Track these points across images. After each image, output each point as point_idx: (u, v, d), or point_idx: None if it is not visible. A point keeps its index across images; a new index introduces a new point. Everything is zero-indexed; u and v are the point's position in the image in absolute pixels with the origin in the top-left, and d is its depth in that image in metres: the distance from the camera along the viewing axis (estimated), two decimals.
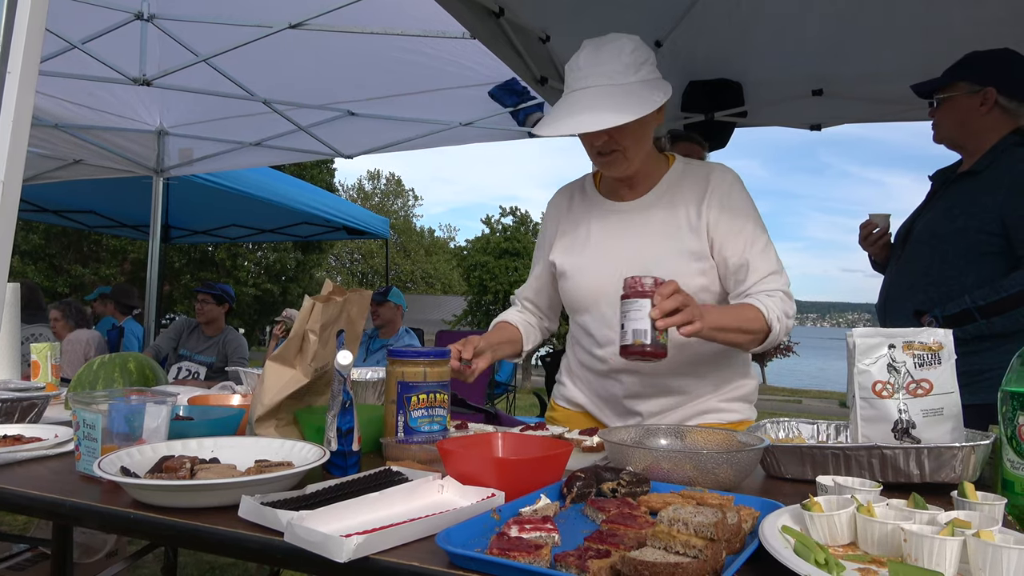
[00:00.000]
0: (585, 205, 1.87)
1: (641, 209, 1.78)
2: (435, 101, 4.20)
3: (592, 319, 1.79)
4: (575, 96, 1.62)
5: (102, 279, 20.67)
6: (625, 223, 1.78)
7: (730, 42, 3.15)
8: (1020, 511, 1.03)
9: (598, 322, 1.78)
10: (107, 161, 5.14)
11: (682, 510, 0.93)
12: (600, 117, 1.56)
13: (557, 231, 1.89)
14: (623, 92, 1.59)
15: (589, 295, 1.78)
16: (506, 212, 29.82)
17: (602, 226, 1.81)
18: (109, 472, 1.10)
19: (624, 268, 1.70)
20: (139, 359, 2.07)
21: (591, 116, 1.57)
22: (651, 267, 1.68)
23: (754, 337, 1.62)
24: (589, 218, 1.84)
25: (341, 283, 12.58)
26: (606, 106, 1.57)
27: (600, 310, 1.76)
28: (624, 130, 1.61)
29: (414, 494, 1.09)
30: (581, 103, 1.59)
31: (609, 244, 1.78)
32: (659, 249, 1.72)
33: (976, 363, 1.91)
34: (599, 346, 1.78)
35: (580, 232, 1.84)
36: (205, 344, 4.96)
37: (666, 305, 1.41)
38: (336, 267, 46.28)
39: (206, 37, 3.55)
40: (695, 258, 1.70)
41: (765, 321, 1.61)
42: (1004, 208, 2.07)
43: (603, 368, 1.79)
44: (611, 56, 1.61)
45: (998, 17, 2.59)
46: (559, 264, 1.85)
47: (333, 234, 8.47)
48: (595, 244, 1.80)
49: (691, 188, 1.75)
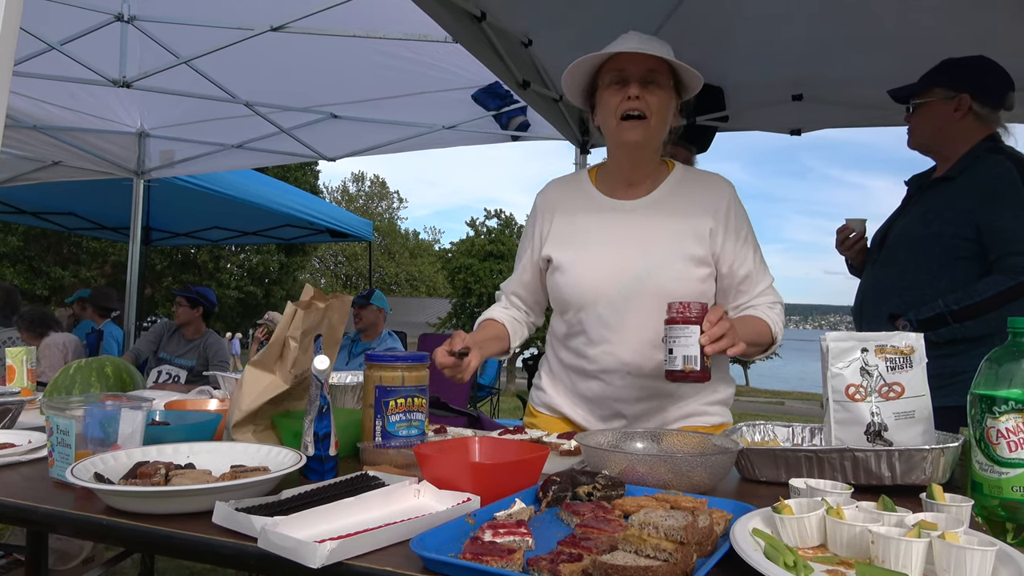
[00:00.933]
0: (582, 201, 1.84)
1: (645, 209, 1.77)
2: (418, 104, 4.20)
3: (588, 317, 1.75)
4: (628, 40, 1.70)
5: (82, 282, 20.44)
6: (629, 222, 1.76)
7: (711, 47, 3.17)
8: (989, 512, 1.04)
9: (594, 321, 1.74)
10: (87, 163, 5.08)
11: (653, 514, 0.93)
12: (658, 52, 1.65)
13: (551, 224, 1.85)
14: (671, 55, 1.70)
15: (587, 293, 1.75)
16: (490, 215, 29.76)
17: (602, 223, 1.78)
18: (82, 478, 1.09)
19: (628, 269, 1.71)
20: (116, 363, 2.05)
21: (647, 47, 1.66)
22: (654, 270, 1.69)
23: (761, 348, 1.73)
24: (588, 214, 1.81)
25: (325, 286, 12.55)
26: (663, 52, 1.67)
27: (598, 309, 1.73)
28: (658, 97, 1.68)
29: (390, 499, 1.09)
30: (637, 44, 1.68)
31: (611, 242, 1.75)
32: (666, 252, 1.71)
33: (949, 366, 1.94)
34: (592, 345, 1.75)
35: (578, 227, 1.81)
36: (185, 347, 4.92)
37: (715, 331, 1.46)
38: (320, 269, 46.07)
39: (187, 39, 3.53)
40: (697, 264, 1.72)
41: (772, 334, 1.72)
42: (978, 213, 2.10)
43: (591, 368, 1.77)
44: (660, 43, 1.71)
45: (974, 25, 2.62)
46: (555, 258, 1.80)
47: (316, 237, 8.42)
48: (596, 241, 1.77)
49: (699, 196, 1.77)
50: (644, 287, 1.69)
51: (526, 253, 1.92)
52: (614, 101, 1.70)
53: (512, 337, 1.91)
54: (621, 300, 1.71)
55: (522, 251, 1.95)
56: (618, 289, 1.71)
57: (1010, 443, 1.02)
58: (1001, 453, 1.03)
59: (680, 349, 1.47)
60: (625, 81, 1.68)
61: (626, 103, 1.67)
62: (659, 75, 1.69)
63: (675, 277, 1.69)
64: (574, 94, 1.83)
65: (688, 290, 1.68)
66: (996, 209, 2.07)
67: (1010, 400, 1.02)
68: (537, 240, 1.88)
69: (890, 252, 2.31)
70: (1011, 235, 2.04)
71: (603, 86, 1.73)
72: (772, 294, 1.78)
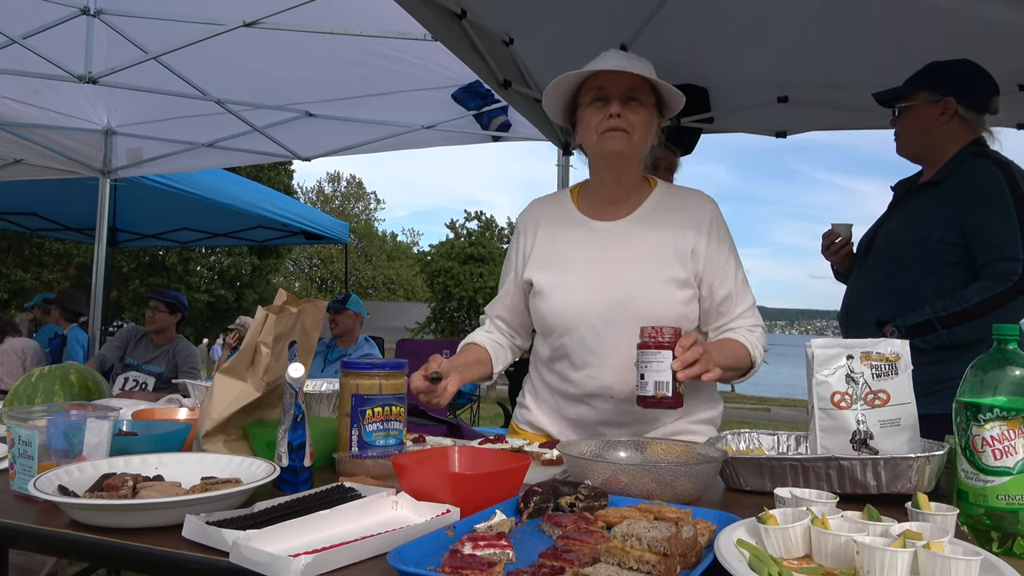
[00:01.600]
0: (564, 221, 1.82)
1: (625, 230, 1.76)
2: (396, 103, 4.15)
3: (571, 341, 1.74)
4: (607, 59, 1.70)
5: (44, 284, 20.00)
6: (609, 244, 1.75)
7: (696, 47, 3.18)
8: (974, 521, 1.04)
9: (576, 345, 1.73)
10: (50, 161, 4.95)
11: (636, 525, 0.92)
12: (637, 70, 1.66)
13: (533, 246, 1.83)
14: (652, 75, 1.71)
15: (568, 317, 1.73)
16: (471, 216, 29.76)
17: (583, 245, 1.77)
18: (46, 491, 1.07)
19: (609, 292, 1.70)
20: (81, 370, 1.99)
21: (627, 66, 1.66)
22: (637, 294, 1.68)
23: (739, 373, 1.71)
24: (569, 236, 1.79)
25: (299, 289, 12.46)
26: (642, 69, 1.68)
27: (579, 333, 1.72)
28: (639, 114, 1.68)
29: (367, 511, 1.06)
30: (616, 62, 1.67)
31: (593, 265, 1.74)
32: (646, 275, 1.70)
33: (937, 373, 1.94)
34: (575, 369, 1.74)
35: (558, 249, 1.79)
36: (154, 353, 4.79)
37: (687, 357, 1.45)
38: (294, 272, 45.68)
39: (156, 34, 3.44)
40: (680, 286, 1.70)
41: (750, 358, 1.71)
42: (964, 218, 2.11)
43: (576, 392, 1.75)
44: (641, 62, 1.71)
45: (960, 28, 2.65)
46: (536, 281, 1.79)
47: (290, 239, 8.32)
48: (576, 263, 1.75)
49: (680, 216, 1.75)
50: (626, 311, 1.67)
51: (509, 275, 1.90)
52: (595, 119, 1.69)
53: (494, 361, 1.88)
54: (603, 324, 1.69)
55: (506, 273, 1.92)
56: (599, 314, 1.69)
57: (995, 451, 1.02)
58: (986, 461, 1.02)
59: (652, 375, 1.45)
60: (606, 99, 1.67)
61: (607, 121, 1.67)
62: (640, 93, 1.68)
63: (657, 300, 1.68)
64: (555, 112, 1.82)
65: (670, 313, 1.68)
66: (983, 214, 2.08)
67: (995, 408, 1.02)
68: (520, 262, 1.86)
69: (876, 257, 2.32)
70: (998, 240, 2.05)
71: (584, 104, 1.72)
72: (752, 316, 1.76)
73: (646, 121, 1.69)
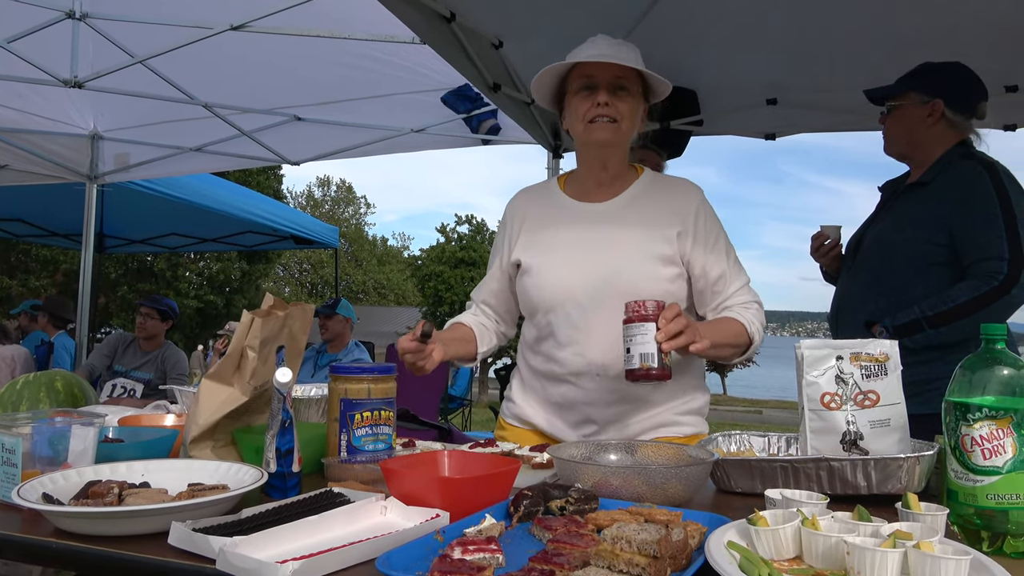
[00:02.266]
0: (552, 206, 1.85)
1: (613, 212, 1.78)
2: (386, 106, 4.14)
3: (556, 319, 1.75)
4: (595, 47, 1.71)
5: (31, 291, 19.82)
6: (596, 224, 1.77)
7: (685, 50, 3.18)
8: (964, 520, 1.04)
9: (562, 321, 1.74)
10: (36, 167, 4.91)
11: (626, 527, 0.92)
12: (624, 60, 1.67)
13: (520, 230, 1.86)
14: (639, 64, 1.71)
15: (555, 294, 1.75)
16: (462, 220, 29.67)
17: (571, 225, 1.79)
18: (30, 499, 1.05)
19: (595, 268, 1.71)
20: (67, 377, 1.96)
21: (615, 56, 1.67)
22: (622, 270, 1.69)
23: (737, 350, 1.71)
24: (557, 218, 1.82)
25: (289, 294, 12.37)
26: (629, 59, 1.68)
27: (566, 310, 1.73)
28: (627, 102, 1.69)
29: (355, 516, 1.06)
30: (602, 51, 1.69)
31: (579, 243, 1.76)
32: (632, 253, 1.72)
33: (925, 373, 1.95)
34: (561, 347, 1.75)
35: (546, 231, 1.82)
36: (142, 360, 4.75)
37: (671, 328, 1.45)
38: (284, 278, 45.43)
39: (143, 37, 3.42)
40: (666, 263, 1.72)
41: (747, 334, 1.70)
42: (951, 219, 2.13)
43: (561, 372, 1.76)
44: (629, 49, 1.73)
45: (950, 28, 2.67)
46: (524, 261, 1.81)
47: (280, 244, 8.28)
48: (564, 243, 1.78)
49: (668, 201, 1.78)
50: (611, 287, 1.68)
51: (496, 261, 1.92)
52: (583, 108, 1.71)
53: (479, 342, 1.88)
54: (588, 301, 1.71)
55: (492, 259, 1.95)
56: (585, 289, 1.71)
57: (984, 451, 1.02)
58: (976, 461, 1.03)
59: (637, 347, 1.46)
60: (594, 87, 1.69)
61: (595, 109, 1.69)
62: (628, 81, 1.70)
63: (643, 276, 1.69)
64: (543, 98, 1.84)
65: (656, 289, 1.68)
66: (969, 215, 2.10)
67: (984, 407, 1.02)
68: (506, 248, 1.88)
69: (865, 258, 2.33)
70: (984, 241, 2.07)
71: (572, 91, 1.74)
72: (748, 293, 1.77)
73: (633, 109, 1.71)
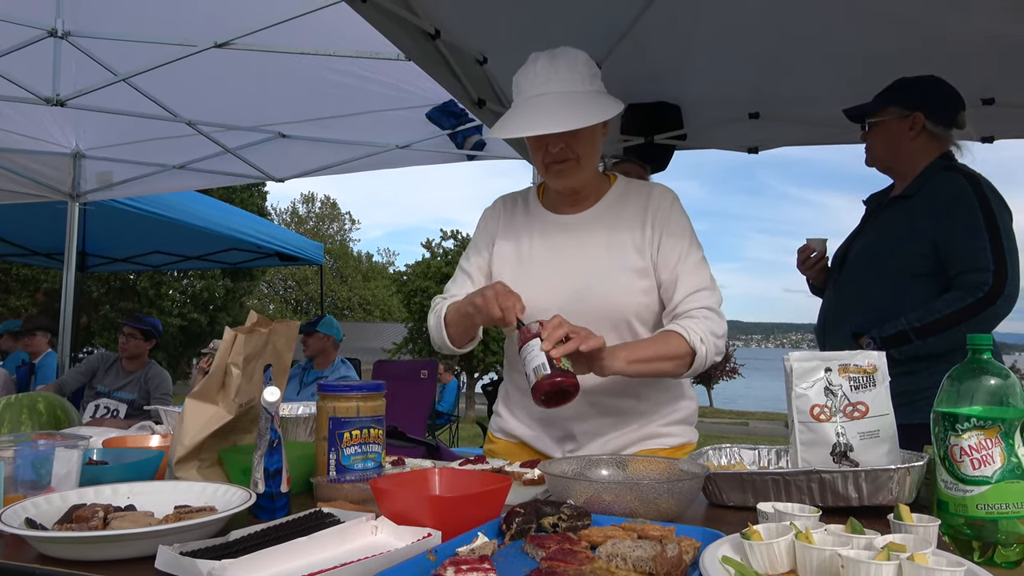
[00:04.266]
0: (527, 217, 1.84)
1: (585, 223, 1.76)
2: (370, 123, 4.14)
3: None
4: (534, 101, 1.62)
5: (11, 311, 19.52)
6: (568, 236, 1.76)
7: (667, 65, 3.21)
8: (955, 531, 1.04)
9: None
10: (17, 185, 4.85)
11: (621, 544, 0.91)
12: (564, 120, 1.56)
13: (495, 239, 1.84)
14: (583, 98, 1.62)
15: (530, 310, 1.69)
16: (447, 235, 29.64)
17: (544, 239, 1.78)
18: (12, 524, 1.03)
19: (567, 284, 1.70)
20: (49, 399, 1.94)
21: (554, 119, 1.57)
22: (595, 283, 1.68)
23: (680, 362, 1.60)
24: (531, 230, 1.80)
25: (274, 311, 12.31)
26: (569, 111, 1.58)
27: None
28: (581, 138, 1.63)
29: (345, 537, 1.04)
30: (542, 107, 1.60)
31: (552, 258, 1.75)
32: (603, 265, 1.70)
33: (913, 383, 1.97)
34: None
35: (522, 244, 1.80)
36: (125, 380, 4.69)
37: (556, 334, 1.43)
38: (269, 295, 45.13)
39: (125, 55, 3.40)
40: (639, 275, 1.70)
41: (688, 344, 1.58)
42: (935, 231, 2.14)
43: None
44: (568, 65, 1.63)
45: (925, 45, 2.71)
46: (498, 276, 1.78)
47: (264, 260, 8.23)
48: (538, 257, 1.77)
49: (634, 207, 1.75)
50: (584, 302, 1.67)
51: (472, 260, 1.86)
52: (538, 154, 1.68)
53: None
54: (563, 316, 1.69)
55: (467, 260, 1.88)
56: (559, 305, 1.68)
57: (973, 460, 1.02)
58: (965, 471, 1.03)
59: (529, 365, 1.44)
60: None
61: (550, 155, 1.65)
62: None
63: (615, 290, 1.68)
64: None
65: (630, 303, 1.68)
66: (953, 226, 2.12)
67: (972, 417, 1.03)
68: (483, 252, 1.85)
69: (851, 271, 2.35)
70: (968, 252, 2.09)
71: None
72: (701, 299, 1.65)
73: (590, 138, 1.66)
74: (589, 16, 2.85)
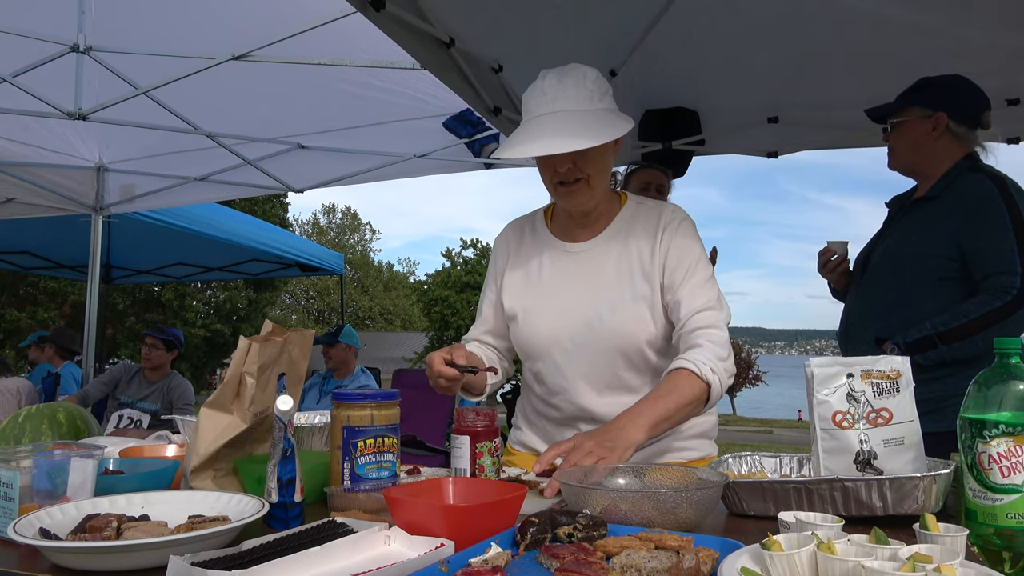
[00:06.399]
0: (536, 244, 1.81)
1: (595, 251, 1.74)
2: (388, 133, 4.16)
3: (544, 366, 1.74)
4: (541, 120, 1.58)
5: (39, 323, 19.86)
6: (578, 265, 1.73)
7: (685, 71, 3.20)
8: (984, 541, 1.01)
9: (550, 369, 1.73)
10: (43, 199, 4.95)
11: (636, 555, 0.89)
12: (570, 140, 1.53)
13: (506, 269, 1.83)
14: (592, 117, 1.58)
15: (540, 342, 1.72)
16: (467, 244, 29.81)
17: (554, 269, 1.76)
18: (26, 535, 1.03)
19: (578, 314, 1.68)
20: (69, 409, 1.95)
21: (561, 139, 1.53)
22: (604, 313, 1.66)
23: (698, 402, 1.55)
24: (540, 259, 1.78)
25: (296, 321, 12.43)
26: (576, 130, 1.54)
27: (552, 357, 1.72)
28: (590, 157, 1.60)
29: (358, 547, 1.03)
30: (548, 127, 1.56)
31: (561, 287, 1.73)
32: (614, 296, 1.68)
33: (939, 390, 1.92)
34: (552, 394, 1.74)
35: (531, 273, 1.78)
36: (148, 390, 4.75)
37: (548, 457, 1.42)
38: (291, 305, 45.51)
39: (146, 69, 3.45)
40: (648, 304, 1.67)
41: (701, 380, 1.53)
42: (960, 233, 2.10)
43: (558, 416, 1.75)
44: (576, 83, 1.59)
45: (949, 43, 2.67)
46: (508, 307, 1.78)
47: (286, 271, 8.31)
48: (547, 287, 1.74)
49: (644, 228, 1.73)
50: (595, 332, 1.66)
51: (487, 298, 1.88)
52: (546, 173, 1.66)
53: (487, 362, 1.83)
54: (574, 347, 1.68)
55: (484, 297, 1.89)
56: (570, 336, 1.68)
57: (1003, 468, 0.99)
58: (994, 479, 0.99)
59: (455, 463, 1.43)
60: None
61: (558, 175, 1.63)
62: None
63: (626, 319, 1.66)
64: None
65: (641, 331, 1.66)
66: (978, 229, 2.07)
67: (1000, 423, 1.00)
68: (495, 286, 1.84)
69: (873, 274, 2.30)
70: (995, 255, 2.04)
71: None
72: (704, 319, 1.60)
73: (600, 157, 1.63)
74: (604, 23, 2.85)
